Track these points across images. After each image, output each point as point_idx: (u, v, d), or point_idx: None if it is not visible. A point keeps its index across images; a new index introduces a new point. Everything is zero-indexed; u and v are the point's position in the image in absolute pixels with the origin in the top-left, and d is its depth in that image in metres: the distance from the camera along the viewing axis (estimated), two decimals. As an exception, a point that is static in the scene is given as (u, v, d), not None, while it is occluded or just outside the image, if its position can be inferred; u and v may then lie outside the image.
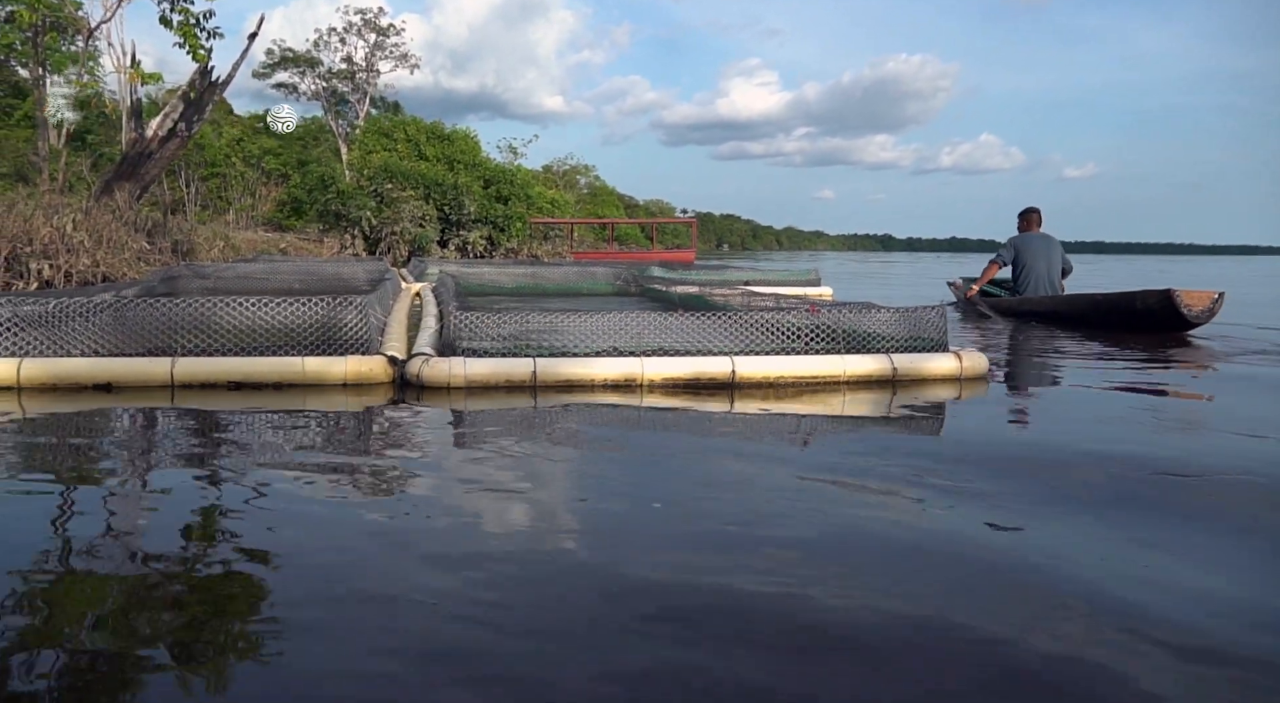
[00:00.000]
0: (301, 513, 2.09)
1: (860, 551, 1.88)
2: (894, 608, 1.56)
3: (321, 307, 3.90)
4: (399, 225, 19.77)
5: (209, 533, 1.94)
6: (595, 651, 1.39)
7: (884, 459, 2.63)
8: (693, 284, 8.42)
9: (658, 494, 2.27)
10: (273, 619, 1.49)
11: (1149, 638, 1.43)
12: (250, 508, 2.09)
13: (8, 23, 24.98)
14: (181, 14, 10.47)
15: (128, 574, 1.67)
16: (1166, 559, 1.83)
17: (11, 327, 3.63)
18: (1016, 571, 1.75)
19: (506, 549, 1.86)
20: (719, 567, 1.75)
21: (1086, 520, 2.07)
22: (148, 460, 2.57)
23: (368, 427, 3.13)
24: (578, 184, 56.07)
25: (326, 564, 1.76)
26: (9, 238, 8.05)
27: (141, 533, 1.95)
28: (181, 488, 2.27)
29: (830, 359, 4.03)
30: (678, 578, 1.69)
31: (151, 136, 13.17)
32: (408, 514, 2.07)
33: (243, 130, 38.22)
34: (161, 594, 1.59)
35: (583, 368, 3.81)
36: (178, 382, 3.54)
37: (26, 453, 2.64)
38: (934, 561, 1.81)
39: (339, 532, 1.95)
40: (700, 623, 1.48)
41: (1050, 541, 1.93)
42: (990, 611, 1.54)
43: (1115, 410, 3.62)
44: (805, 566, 1.77)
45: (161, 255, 11.11)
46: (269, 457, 2.59)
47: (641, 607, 1.55)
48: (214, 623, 1.48)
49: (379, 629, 1.45)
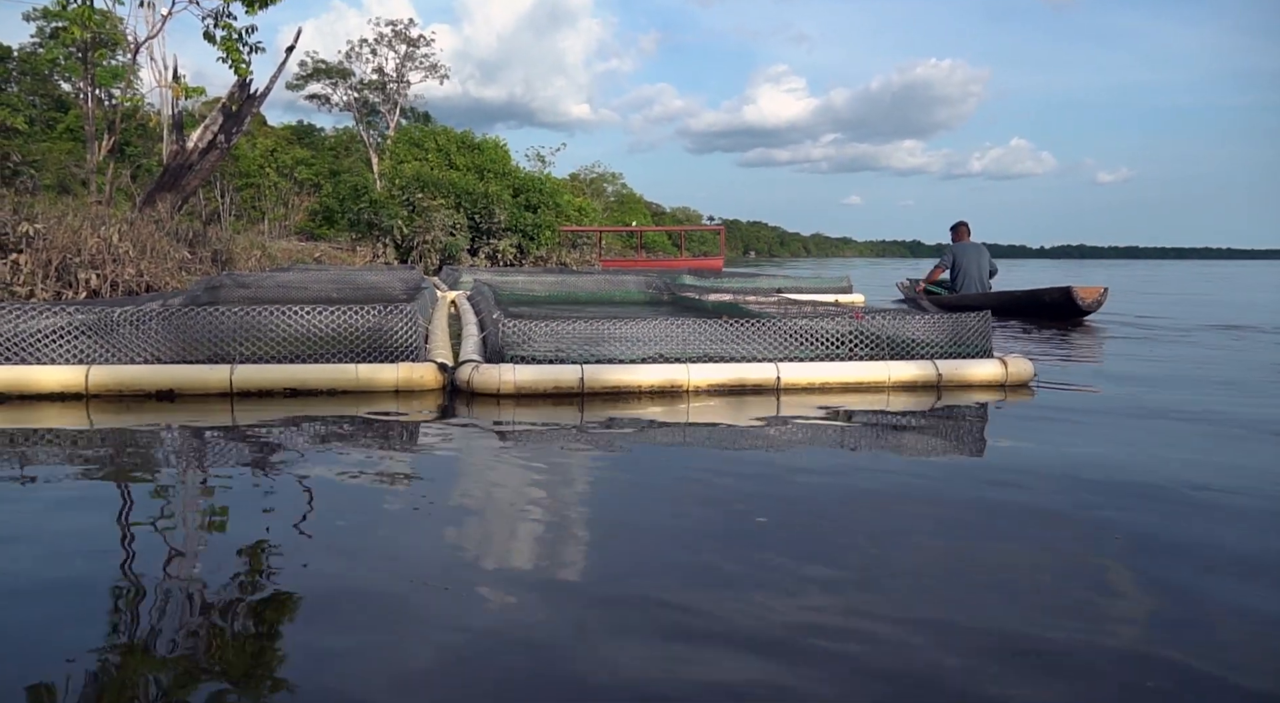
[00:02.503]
0: (397, 514, 2.15)
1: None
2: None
3: (373, 314, 3.98)
4: (430, 234, 19.97)
5: (314, 532, 2.00)
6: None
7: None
8: (726, 292, 8.43)
9: (758, 510, 2.24)
10: (371, 594, 1.55)
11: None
12: (342, 504, 2.15)
13: (52, 38, 25.64)
14: (225, 29, 10.70)
15: (279, 568, 1.74)
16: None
17: (76, 333, 3.74)
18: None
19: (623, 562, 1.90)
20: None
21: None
22: (263, 468, 2.65)
23: (440, 436, 3.15)
24: (605, 192, 56.29)
25: (434, 557, 1.82)
26: (59, 248, 8.25)
27: (267, 542, 2.02)
28: (287, 491, 2.35)
29: (875, 365, 4.04)
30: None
31: (192, 148, 13.44)
32: (514, 518, 2.13)
33: (276, 141, 38.82)
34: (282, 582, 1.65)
35: (628, 375, 3.85)
36: (236, 389, 3.63)
37: (138, 458, 2.74)
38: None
39: (435, 530, 2.01)
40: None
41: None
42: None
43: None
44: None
45: (202, 265, 11.31)
46: (354, 462, 2.66)
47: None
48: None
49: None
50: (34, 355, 3.63)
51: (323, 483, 2.40)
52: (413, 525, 2.07)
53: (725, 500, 2.31)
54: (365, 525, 2.08)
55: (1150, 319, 8.73)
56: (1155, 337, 6.94)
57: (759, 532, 2.03)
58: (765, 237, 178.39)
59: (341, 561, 1.83)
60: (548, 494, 2.34)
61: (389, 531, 2.05)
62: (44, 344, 3.67)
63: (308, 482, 2.41)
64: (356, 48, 38.90)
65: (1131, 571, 1.83)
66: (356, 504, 2.25)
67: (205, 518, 2.13)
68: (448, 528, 2.07)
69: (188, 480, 2.47)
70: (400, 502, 2.27)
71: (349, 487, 2.38)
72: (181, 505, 2.23)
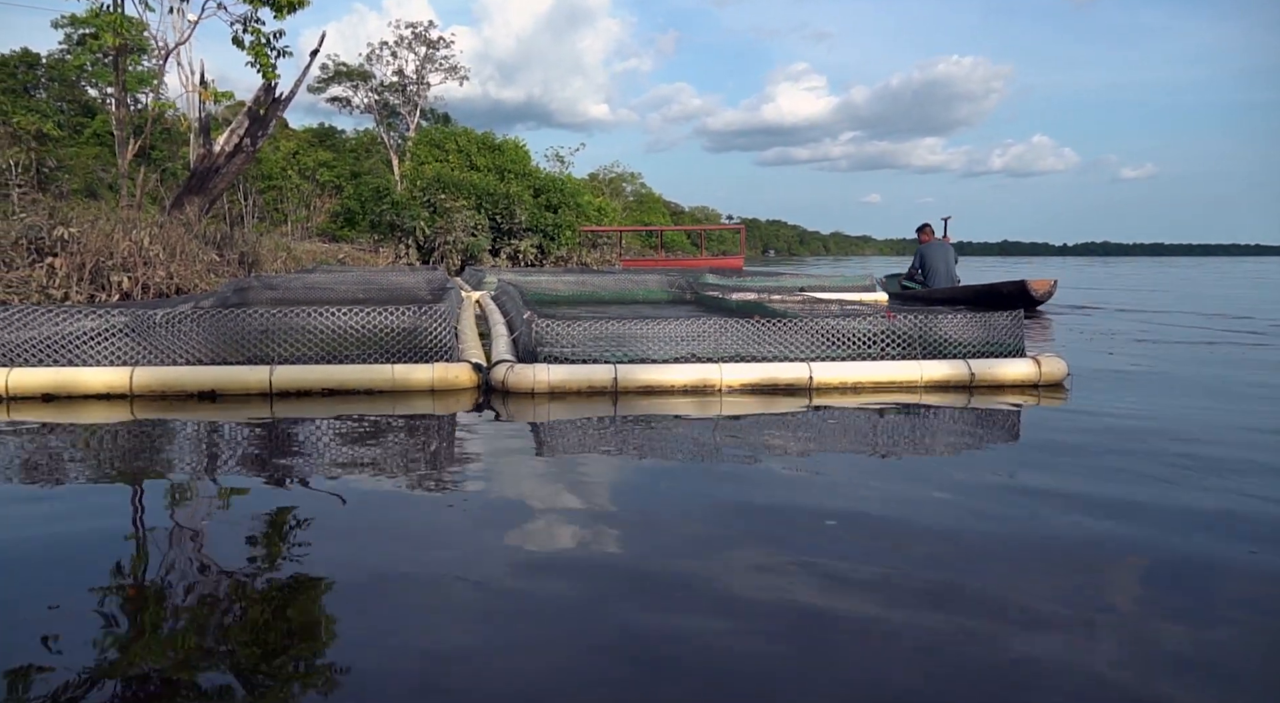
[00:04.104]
0: (467, 507, 2.19)
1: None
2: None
3: (408, 315, 4.03)
4: (452, 235, 20.07)
5: (375, 525, 2.05)
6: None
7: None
8: (749, 291, 8.43)
9: (830, 511, 2.23)
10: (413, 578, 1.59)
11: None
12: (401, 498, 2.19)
13: (79, 45, 25.98)
14: (254, 34, 10.82)
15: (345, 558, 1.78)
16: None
17: (117, 335, 3.81)
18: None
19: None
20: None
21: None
22: (319, 466, 2.70)
23: (486, 434, 3.18)
24: (624, 191, 56.30)
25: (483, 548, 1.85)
26: (93, 252, 8.38)
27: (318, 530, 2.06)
28: (342, 489, 2.40)
29: (907, 364, 4.04)
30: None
31: (219, 152, 13.59)
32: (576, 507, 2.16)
33: (298, 144, 39.16)
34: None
35: (661, 374, 3.87)
36: (276, 389, 3.68)
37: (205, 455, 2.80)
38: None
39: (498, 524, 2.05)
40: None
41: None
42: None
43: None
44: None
45: (229, 267, 11.44)
46: (408, 459, 2.71)
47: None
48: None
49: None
50: (79, 356, 3.70)
51: (379, 479, 2.45)
52: (481, 518, 2.11)
53: (762, 499, 2.33)
54: (428, 519, 2.13)
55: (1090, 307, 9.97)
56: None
57: (828, 532, 2.05)
58: (784, 235, 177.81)
59: (414, 549, 1.87)
60: (598, 488, 2.38)
61: (459, 520, 2.09)
62: (86, 345, 3.74)
63: (364, 479, 2.45)
64: (377, 50, 39.15)
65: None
66: (416, 499, 2.29)
67: (296, 511, 2.18)
68: (516, 523, 2.10)
69: (276, 478, 2.52)
70: (462, 496, 2.31)
71: (407, 482, 2.44)
72: (269, 502, 2.28)
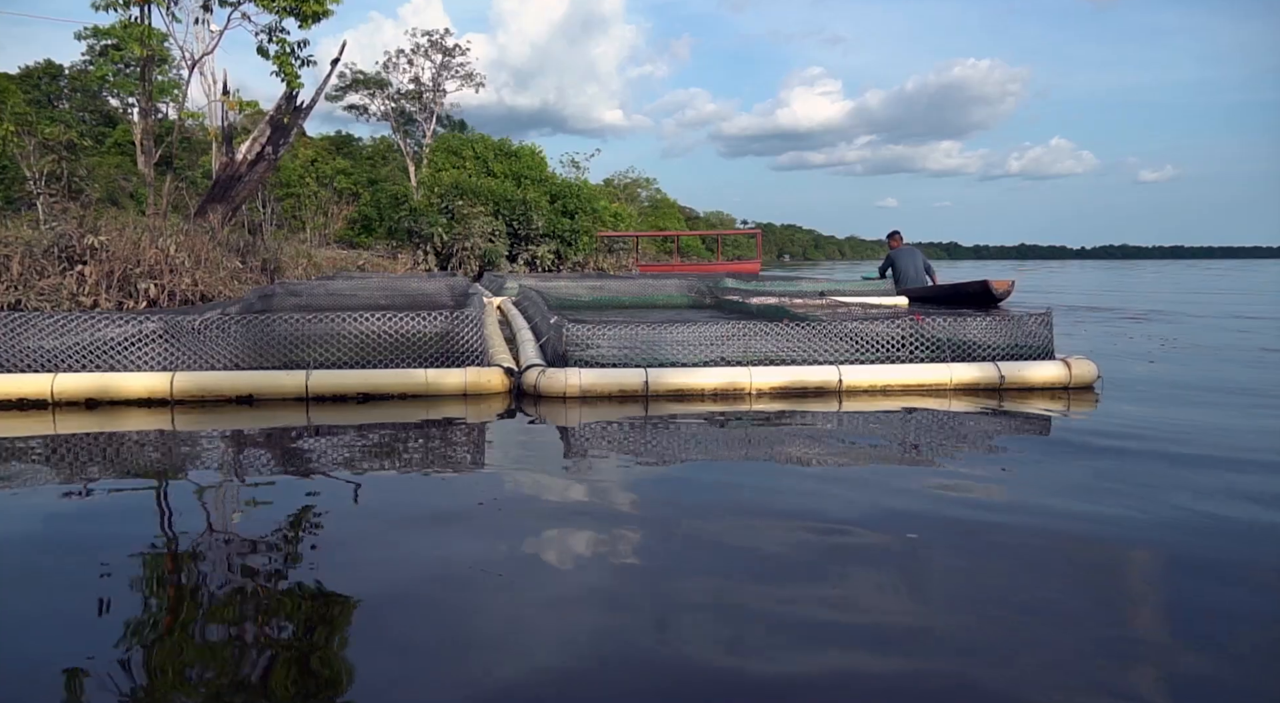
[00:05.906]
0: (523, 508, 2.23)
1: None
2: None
3: (440, 320, 4.07)
4: (469, 241, 20.18)
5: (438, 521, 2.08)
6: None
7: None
8: (770, 295, 8.44)
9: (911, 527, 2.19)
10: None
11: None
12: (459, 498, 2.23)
13: (102, 56, 26.32)
14: (279, 44, 10.94)
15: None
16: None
17: (152, 340, 3.87)
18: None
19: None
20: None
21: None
22: (362, 466, 2.74)
23: (524, 435, 3.24)
24: (639, 197, 56.36)
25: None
26: (121, 260, 8.50)
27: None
28: (388, 487, 2.44)
29: (936, 367, 4.05)
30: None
31: (241, 160, 13.75)
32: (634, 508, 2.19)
33: (316, 151, 39.46)
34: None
35: (690, 377, 3.90)
36: (311, 394, 3.73)
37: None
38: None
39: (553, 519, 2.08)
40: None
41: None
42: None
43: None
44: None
45: (252, 274, 11.55)
46: (450, 459, 2.75)
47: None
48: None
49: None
50: (119, 362, 3.77)
51: (423, 477, 2.48)
52: (536, 512, 2.15)
53: (801, 504, 2.35)
54: (483, 514, 2.16)
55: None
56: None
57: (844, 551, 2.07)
58: (800, 240, 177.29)
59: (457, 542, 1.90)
60: (643, 487, 2.41)
61: (511, 518, 2.12)
62: (124, 352, 3.80)
63: (407, 479, 2.49)
64: (394, 58, 39.35)
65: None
66: (465, 492, 2.33)
67: (337, 508, 2.22)
68: (570, 522, 2.14)
69: (336, 478, 2.56)
70: (512, 494, 2.35)
71: (452, 480, 2.48)
72: (314, 499, 2.32)
